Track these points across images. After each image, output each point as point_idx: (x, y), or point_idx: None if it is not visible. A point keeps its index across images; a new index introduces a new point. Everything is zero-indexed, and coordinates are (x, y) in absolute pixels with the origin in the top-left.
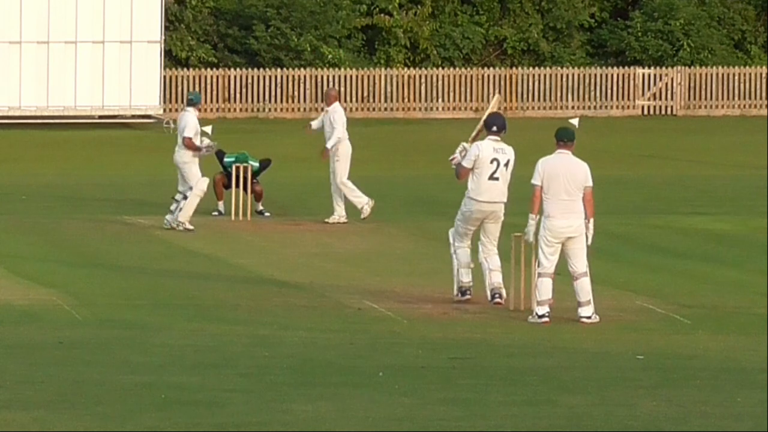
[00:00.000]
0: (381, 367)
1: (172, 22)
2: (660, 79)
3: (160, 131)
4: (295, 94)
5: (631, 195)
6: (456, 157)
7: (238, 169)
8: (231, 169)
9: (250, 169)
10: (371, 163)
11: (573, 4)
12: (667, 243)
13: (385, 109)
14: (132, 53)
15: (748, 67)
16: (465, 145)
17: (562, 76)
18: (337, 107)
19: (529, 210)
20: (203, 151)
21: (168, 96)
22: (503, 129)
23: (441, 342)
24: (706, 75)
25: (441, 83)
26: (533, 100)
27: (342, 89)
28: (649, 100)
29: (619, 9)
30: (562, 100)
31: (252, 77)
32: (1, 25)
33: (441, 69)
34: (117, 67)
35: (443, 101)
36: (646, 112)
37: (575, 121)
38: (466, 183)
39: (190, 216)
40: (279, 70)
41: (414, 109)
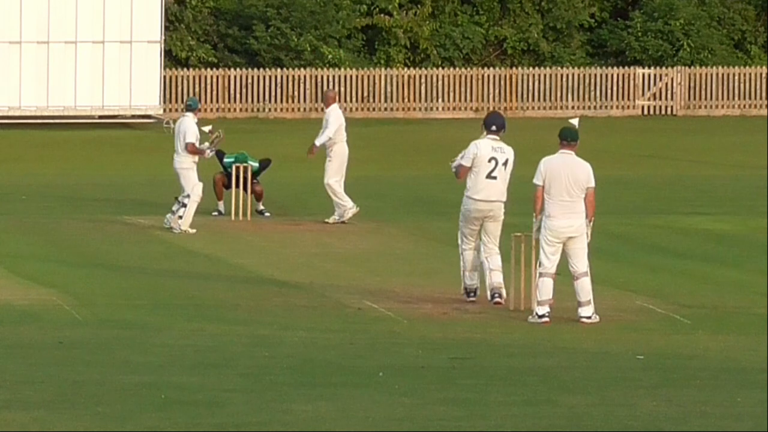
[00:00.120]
0: (381, 367)
1: (172, 22)
2: (660, 79)
3: (160, 131)
4: (295, 94)
5: (631, 195)
6: (456, 162)
7: (238, 169)
8: (231, 170)
9: (250, 169)
10: (371, 163)
11: (573, 4)
12: (667, 243)
13: (385, 109)
14: (132, 53)
15: (748, 67)
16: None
17: (562, 76)
18: (334, 109)
19: (532, 210)
20: (207, 153)
21: (168, 96)
22: (503, 128)
23: (441, 342)
24: (706, 75)
25: (441, 83)
26: (533, 100)
27: (342, 89)
28: (649, 100)
29: (619, 9)
30: (562, 100)
31: (252, 77)
32: (1, 25)
33: (441, 69)
34: (117, 67)
35: (443, 101)
36: (646, 112)
37: (575, 121)
38: (466, 182)
39: (190, 221)
40: (279, 70)
41: (414, 109)
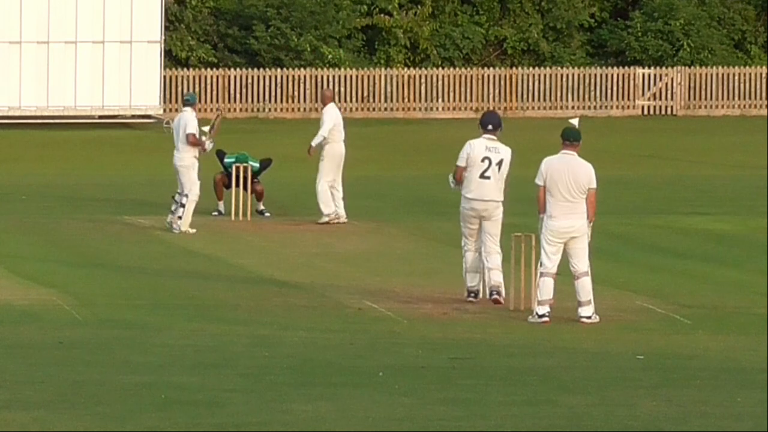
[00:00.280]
0: (381, 367)
1: (172, 22)
2: (660, 79)
3: (160, 131)
4: (295, 94)
5: (631, 195)
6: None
7: (238, 169)
8: (231, 170)
9: (250, 169)
10: (371, 163)
11: (573, 4)
12: (667, 243)
13: (385, 109)
14: (132, 53)
15: (748, 67)
16: None
17: (562, 76)
18: (330, 108)
19: (536, 210)
20: (207, 145)
21: (168, 96)
22: (499, 127)
23: (441, 342)
24: (706, 75)
25: (441, 83)
26: (533, 100)
27: (342, 89)
28: (649, 100)
29: (619, 9)
30: (562, 100)
31: (252, 77)
32: (1, 25)
33: (441, 69)
34: (117, 67)
35: (443, 101)
36: (646, 112)
37: (575, 121)
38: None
39: (189, 221)
40: (279, 70)
41: (414, 109)
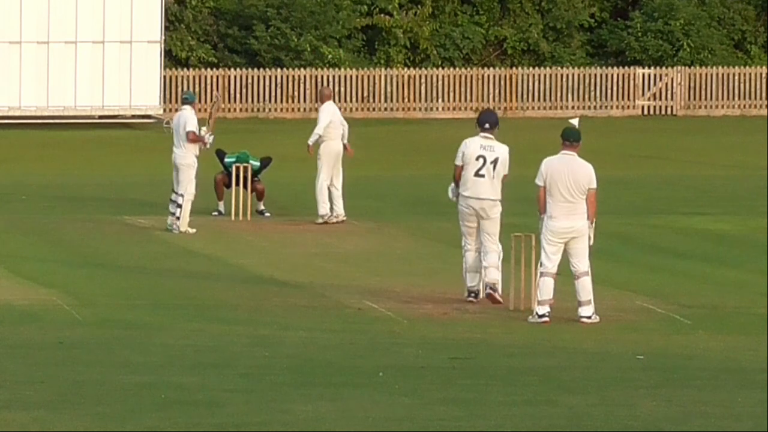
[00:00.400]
0: (381, 367)
1: (172, 22)
2: (660, 79)
3: (160, 131)
4: (295, 94)
5: (631, 195)
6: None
7: (238, 169)
8: (231, 169)
9: (250, 168)
10: (371, 163)
11: (573, 4)
12: (667, 243)
13: (385, 109)
14: (132, 53)
15: (748, 67)
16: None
17: (562, 76)
18: (326, 106)
19: (537, 211)
20: (207, 138)
21: (168, 96)
22: (496, 126)
23: (441, 342)
24: (706, 75)
25: (441, 83)
26: (533, 100)
27: (342, 89)
28: (649, 100)
29: (619, 9)
30: (562, 100)
31: (252, 77)
32: (1, 25)
33: (441, 69)
34: (117, 67)
35: (443, 101)
36: (646, 112)
37: (575, 121)
38: None
39: (188, 220)
40: (279, 70)
41: (414, 109)
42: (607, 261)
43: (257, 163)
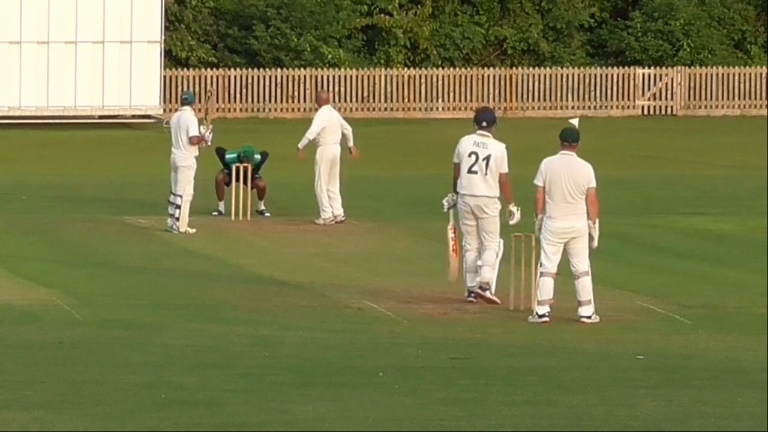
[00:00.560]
0: (381, 367)
1: (172, 22)
2: (660, 79)
3: (160, 131)
4: (295, 94)
5: (631, 195)
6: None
7: (238, 168)
8: (232, 168)
9: (250, 167)
10: (371, 163)
11: (573, 4)
12: (667, 243)
13: (385, 109)
14: (132, 53)
15: (748, 67)
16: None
17: (562, 76)
18: (322, 111)
19: (533, 210)
20: (207, 136)
21: (168, 96)
22: (493, 123)
23: (441, 342)
24: (706, 75)
25: (441, 83)
26: (533, 100)
27: (342, 89)
28: (649, 100)
29: (619, 9)
30: (562, 100)
31: (252, 77)
32: (1, 25)
33: (441, 69)
34: (117, 67)
35: (443, 101)
36: (646, 112)
37: (575, 121)
38: None
39: (187, 221)
40: (279, 70)
41: (414, 109)
42: (607, 261)
43: (259, 156)
